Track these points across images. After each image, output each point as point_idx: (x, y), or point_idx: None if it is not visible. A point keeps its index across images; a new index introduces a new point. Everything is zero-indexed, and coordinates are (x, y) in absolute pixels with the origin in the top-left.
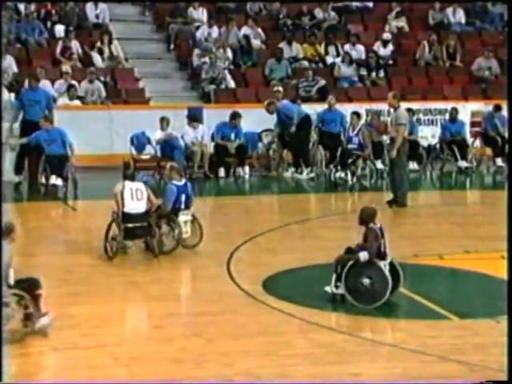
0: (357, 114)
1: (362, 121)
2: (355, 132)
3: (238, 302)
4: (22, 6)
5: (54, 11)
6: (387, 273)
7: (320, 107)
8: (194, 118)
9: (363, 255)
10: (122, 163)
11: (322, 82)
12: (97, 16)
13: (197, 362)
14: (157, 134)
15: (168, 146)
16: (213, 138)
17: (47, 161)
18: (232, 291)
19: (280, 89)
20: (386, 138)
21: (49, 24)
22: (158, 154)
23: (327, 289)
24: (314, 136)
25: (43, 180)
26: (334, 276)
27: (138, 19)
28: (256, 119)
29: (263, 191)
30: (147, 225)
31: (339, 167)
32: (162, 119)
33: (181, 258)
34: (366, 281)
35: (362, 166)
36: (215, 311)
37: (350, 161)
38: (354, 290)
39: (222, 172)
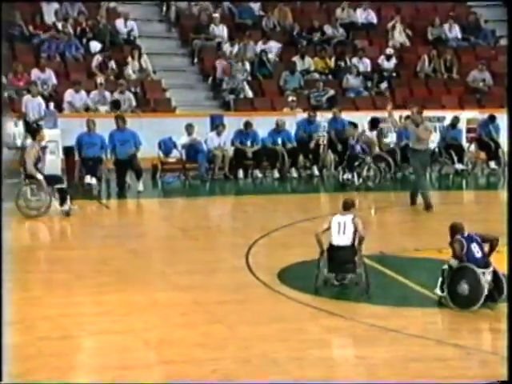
0: (353, 125)
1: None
2: (355, 140)
3: (256, 291)
4: (60, 25)
5: (88, 29)
6: (482, 280)
7: (329, 115)
8: (222, 125)
9: (452, 262)
10: (150, 165)
11: (332, 92)
12: (127, 33)
13: (218, 346)
14: (182, 139)
15: (192, 150)
16: (232, 143)
17: (83, 162)
18: (250, 282)
19: (294, 98)
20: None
21: (84, 40)
22: (183, 157)
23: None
24: (324, 141)
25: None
26: (440, 280)
27: (164, 35)
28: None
29: (278, 191)
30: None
31: (346, 169)
32: (188, 126)
33: (204, 251)
34: (463, 286)
35: (367, 168)
36: (235, 300)
37: (356, 164)
38: (453, 294)
39: (240, 173)
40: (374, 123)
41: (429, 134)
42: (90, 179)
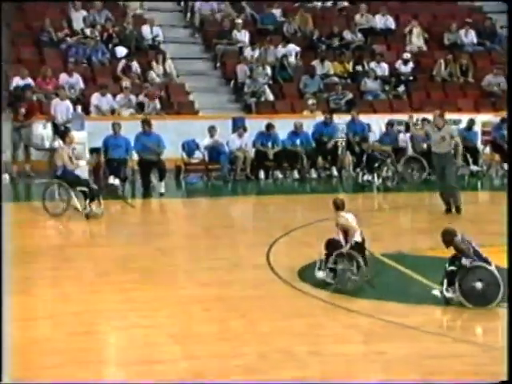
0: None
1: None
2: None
3: (277, 288)
4: (87, 31)
5: (114, 35)
6: (499, 278)
7: (348, 118)
8: (244, 127)
9: (465, 262)
10: (174, 166)
11: (350, 96)
12: (152, 38)
13: (240, 340)
14: (205, 141)
15: (215, 152)
16: (254, 145)
17: (108, 163)
18: (271, 279)
19: (313, 101)
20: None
21: (110, 46)
22: (206, 158)
23: (436, 293)
24: (342, 143)
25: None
26: (446, 281)
27: (188, 41)
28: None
29: (298, 191)
30: None
31: (366, 171)
32: (211, 128)
33: (226, 249)
34: (479, 284)
35: (386, 169)
36: (256, 296)
37: (375, 165)
38: (468, 293)
39: (261, 174)
40: (408, 126)
41: (449, 138)
42: (113, 180)
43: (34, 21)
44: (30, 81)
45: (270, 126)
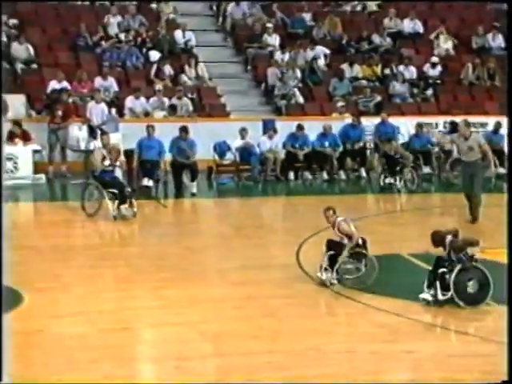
0: (389, 140)
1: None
2: (392, 153)
3: (306, 287)
4: (122, 36)
5: (148, 39)
6: (490, 277)
7: (376, 120)
8: (274, 129)
9: (457, 262)
10: (206, 167)
11: (378, 98)
12: (185, 42)
13: (272, 338)
14: (236, 143)
15: (245, 153)
16: (284, 146)
17: (141, 165)
18: (301, 278)
19: (343, 104)
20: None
21: (144, 50)
22: (237, 159)
23: (426, 297)
24: (370, 145)
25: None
26: (438, 284)
27: (220, 44)
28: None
29: (327, 192)
30: None
31: (388, 174)
32: (242, 130)
33: (257, 248)
34: (474, 285)
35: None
36: (286, 295)
37: (397, 168)
38: (463, 294)
39: (291, 175)
40: (454, 127)
41: (477, 147)
42: (147, 181)
43: (70, 26)
44: (66, 84)
45: (299, 127)
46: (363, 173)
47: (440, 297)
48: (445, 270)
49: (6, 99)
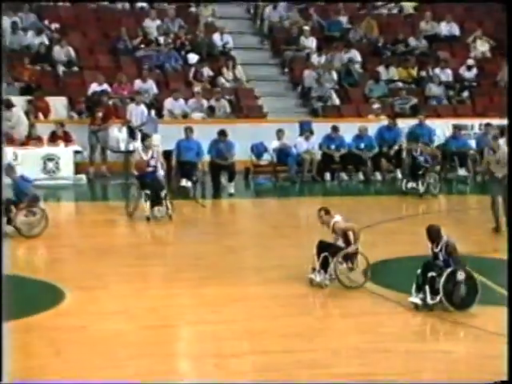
0: (415, 139)
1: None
2: (418, 152)
3: (342, 286)
4: (161, 39)
5: (187, 42)
6: (477, 280)
7: (412, 122)
8: (311, 131)
9: (460, 274)
10: (243, 168)
11: (414, 101)
12: (223, 45)
13: (311, 336)
14: (273, 144)
15: (282, 154)
16: (320, 147)
17: (180, 166)
18: None
19: (379, 106)
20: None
21: (183, 53)
22: (274, 160)
23: (416, 300)
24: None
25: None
26: (428, 287)
27: (257, 47)
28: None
29: (363, 193)
30: None
31: (410, 178)
32: (279, 131)
33: (294, 248)
34: (464, 288)
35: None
36: (323, 294)
37: (419, 172)
38: (453, 297)
39: (327, 176)
40: (503, 130)
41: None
42: (185, 182)
43: (110, 30)
44: (106, 86)
45: (335, 128)
46: (399, 174)
47: (429, 301)
48: (434, 274)
49: (49, 102)
